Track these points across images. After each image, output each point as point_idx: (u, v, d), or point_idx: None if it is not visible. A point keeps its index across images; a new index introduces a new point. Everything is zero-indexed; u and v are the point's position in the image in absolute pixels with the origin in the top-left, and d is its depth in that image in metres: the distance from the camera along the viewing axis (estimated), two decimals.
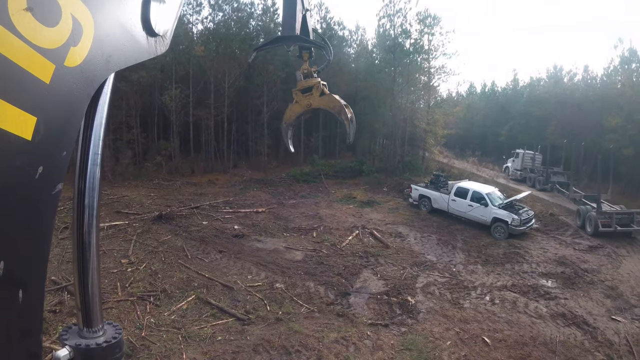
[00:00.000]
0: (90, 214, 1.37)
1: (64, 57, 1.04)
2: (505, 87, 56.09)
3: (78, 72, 1.10)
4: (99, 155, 1.39)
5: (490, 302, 12.09)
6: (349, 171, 31.97)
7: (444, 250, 16.34)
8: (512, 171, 34.12)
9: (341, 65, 37.07)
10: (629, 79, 34.59)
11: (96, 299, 1.43)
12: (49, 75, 1.00)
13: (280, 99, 32.57)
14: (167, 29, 1.50)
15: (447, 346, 9.64)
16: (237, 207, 20.75)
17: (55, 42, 1.01)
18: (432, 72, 34.11)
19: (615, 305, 12.39)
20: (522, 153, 33.45)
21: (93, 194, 1.37)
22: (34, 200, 1.05)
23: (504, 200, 19.39)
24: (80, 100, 1.15)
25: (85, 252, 1.37)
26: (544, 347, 9.96)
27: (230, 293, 11.54)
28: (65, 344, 1.34)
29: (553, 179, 27.96)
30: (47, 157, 1.06)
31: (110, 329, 1.47)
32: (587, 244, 17.89)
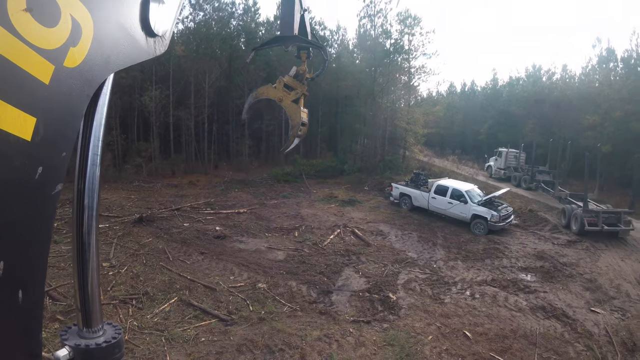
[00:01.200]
0: (90, 215, 1.37)
1: (64, 58, 1.04)
2: (484, 87, 57.18)
3: (77, 73, 1.10)
4: (99, 156, 1.39)
5: (470, 297, 12.27)
6: (330, 171, 32.11)
7: (425, 247, 16.53)
8: (495, 170, 34.13)
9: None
10: (606, 77, 35.60)
11: (96, 299, 1.42)
12: (49, 75, 1.00)
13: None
14: (167, 30, 1.49)
15: (429, 341, 9.76)
16: (219, 208, 20.65)
17: (54, 43, 1.01)
18: (412, 72, 34.40)
19: (594, 298, 12.69)
20: (506, 152, 33.47)
21: (93, 194, 1.37)
22: (34, 200, 1.05)
23: (483, 197, 19.68)
24: (80, 101, 1.16)
25: (85, 252, 1.37)
26: (524, 339, 10.15)
27: (212, 294, 11.48)
28: (65, 344, 1.34)
29: (538, 178, 27.80)
30: (47, 158, 1.06)
31: (110, 329, 1.47)
32: (566, 238, 18.33)
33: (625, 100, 31.26)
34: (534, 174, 28.45)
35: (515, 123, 42.29)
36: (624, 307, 12.17)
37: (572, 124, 35.09)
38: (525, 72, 48.51)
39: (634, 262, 15.74)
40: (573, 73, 43.57)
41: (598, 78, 37.28)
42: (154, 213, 18.39)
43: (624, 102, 31.29)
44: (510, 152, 33.24)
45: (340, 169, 32.35)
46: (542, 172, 28.57)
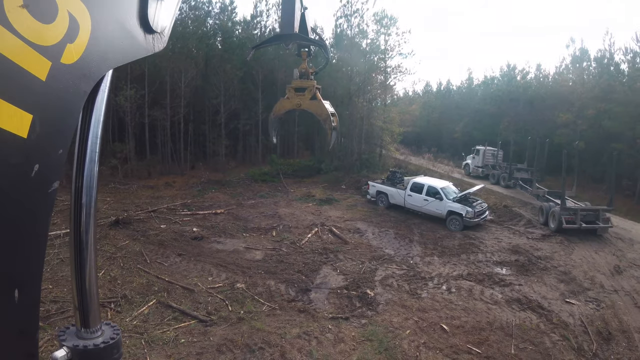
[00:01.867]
0: (88, 213, 1.36)
1: (61, 54, 1.03)
2: (460, 86, 57.85)
3: (75, 69, 1.09)
4: (97, 153, 1.38)
5: (447, 291, 12.53)
6: (307, 170, 32.13)
7: (402, 243, 16.75)
8: (473, 168, 34.15)
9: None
10: (579, 76, 36.52)
11: (94, 299, 1.41)
12: (45, 72, 0.99)
13: (238, 99, 32.39)
14: (165, 26, 1.48)
15: (407, 335, 9.95)
16: (196, 209, 20.50)
17: (51, 39, 1.00)
18: (388, 72, 34.67)
19: (569, 289, 13.06)
20: (483, 150, 33.52)
21: (91, 192, 1.36)
22: (30, 198, 1.04)
23: (458, 194, 20.04)
24: (77, 98, 1.15)
25: (83, 251, 1.36)
26: (500, 331, 10.42)
27: (191, 295, 11.44)
28: (63, 345, 1.32)
29: (516, 176, 27.85)
30: (43, 155, 1.05)
31: (108, 329, 1.45)
32: (540, 233, 18.83)
33: (598, 99, 32.14)
34: (511, 172, 28.51)
35: (490, 121, 42.96)
36: (599, 298, 12.57)
37: (545, 122, 35.90)
38: (499, 72, 49.41)
39: (608, 255, 16.22)
40: (547, 72, 44.60)
41: (571, 77, 38.20)
42: (130, 215, 18.17)
43: (596, 100, 32.18)
44: (488, 150, 33.30)
45: (318, 168, 32.41)
46: (520, 169, 28.68)
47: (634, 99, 29.33)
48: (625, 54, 33.43)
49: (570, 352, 9.72)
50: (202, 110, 33.08)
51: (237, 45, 35.23)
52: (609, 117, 30.79)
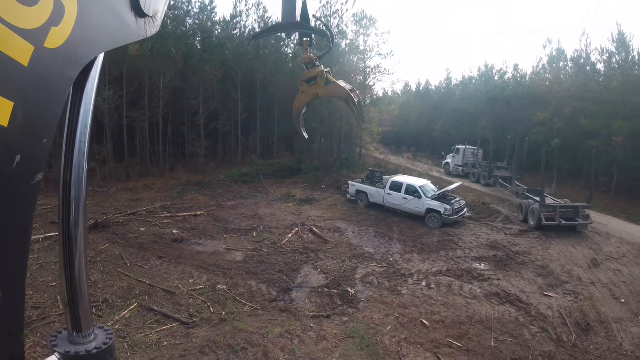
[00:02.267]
0: (77, 207, 1.30)
1: (44, 38, 0.98)
2: (438, 86, 58.36)
3: (59, 54, 1.04)
4: (86, 144, 1.32)
5: (426, 287, 12.74)
6: (287, 170, 32.09)
7: (382, 241, 16.93)
8: (453, 167, 34.36)
9: (279, 64, 37.17)
10: (556, 76, 37.09)
11: (86, 300, 1.36)
12: (28, 57, 0.94)
13: (217, 100, 32.19)
14: (158, 10, 1.42)
15: (388, 331, 10.11)
16: (175, 211, 20.32)
17: (34, 22, 0.95)
18: (367, 72, 34.92)
19: (547, 283, 13.42)
20: (463, 149, 33.70)
21: (80, 185, 1.30)
22: (12, 191, 0.98)
23: (436, 192, 20.32)
24: (63, 84, 1.09)
25: (72, 247, 1.30)
26: (480, 324, 10.65)
27: (172, 298, 11.37)
28: (55, 351, 1.28)
29: (496, 174, 27.97)
30: (26, 145, 0.99)
31: (101, 333, 1.41)
32: (518, 228, 19.24)
33: (574, 98, 32.92)
34: (491, 170, 28.77)
35: (468, 121, 43.62)
36: (577, 290, 12.93)
37: (522, 121, 36.61)
38: (478, 72, 50.26)
39: (585, 249, 16.68)
40: (524, 72, 45.42)
41: (548, 77, 38.86)
42: (109, 218, 17.92)
43: (573, 99, 32.96)
44: (468, 149, 33.59)
45: (298, 169, 32.39)
46: (500, 168, 28.92)
47: (610, 98, 30.14)
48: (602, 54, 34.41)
49: (550, 344, 9.99)
50: (181, 111, 32.75)
51: (217, 46, 35.05)
52: (585, 116, 31.48)
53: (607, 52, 33.27)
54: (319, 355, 9.06)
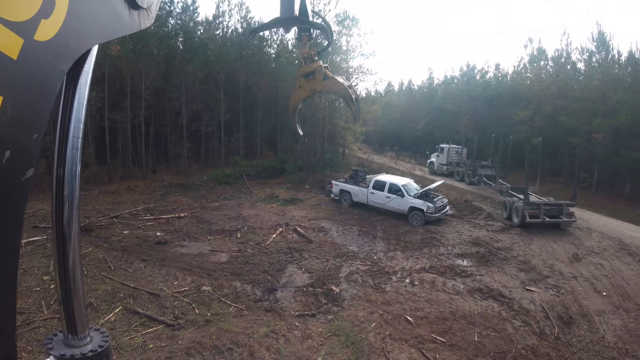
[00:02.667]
0: (70, 204, 1.28)
1: (34, 31, 0.96)
2: (421, 85, 59.10)
3: (50, 47, 1.01)
4: (80, 139, 1.30)
5: (410, 284, 12.89)
6: (271, 170, 32.04)
7: (365, 240, 17.08)
8: (438, 166, 34.56)
9: (261, 65, 37.12)
10: (537, 75, 37.90)
11: (80, 301, 1.34)
12: (17, 50, 0.92)
13: (200, 100, 32.00)
14: (152, 2, 1.40)
15: (372, 328, 10.23)
16: (159, 213, 20.15)
17: (23, 15, 0.93)
18: (350, 72, 35.03)
19: (529, 277, 13.68)
20: (447, 147, 33.98)
21: (73, 181, 1.28)
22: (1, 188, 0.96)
23: (419, 191, 20.57)
24: (53, 77, 1.06)
25: (66, 244, 1.28)
26: (463, 319, 10.83)
27: (157, 300, 11.32)
28: (50, 354, 1.27)
29: (480, 172, 28.19)
30: (15, 141, 0.96)
31: (97, 335, 1.40)
32: (500, 225, 19.55)
33: (554, 96, 33.75)
34: (475, 169, 29.00)
35: (450, 120, 44.23)
36: (558, 285, 13.22)
37: (503, 119, 37.41)
38: (460, 71, 50.88)
39: (566, 244, 17.04)
40: (505, 71, 46.19)
41: (529, 76, 39.60)
42: (92, 222, 17.69)
43: (553, 97, 33.80)
44: (452, 147, 33.86)
45: (281, 169, 32.37)
46: (484, 166, 29.05)
47: (590, 96, 30.87)
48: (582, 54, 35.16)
49: (533, 337, 10.20)
50: (163, 112, 32.42)
51: (199, 46, 34.80)
52: (566, 114, 32.31)
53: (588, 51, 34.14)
54: (305, 354, 9.13)
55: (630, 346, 10.05)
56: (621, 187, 29.34)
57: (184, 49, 34.23)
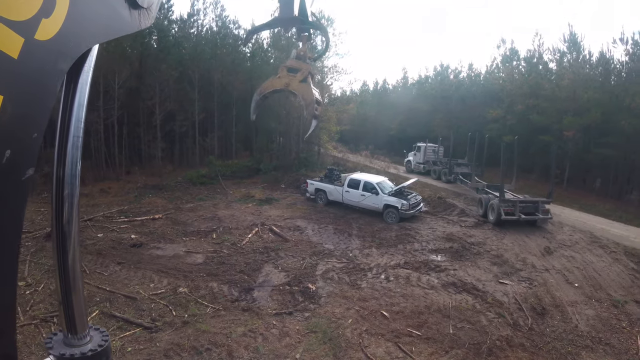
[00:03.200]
0: (70, 203, 1.29)
1: (35, 30, 0.96)
2: (395, 85, 59.80)
3: (50, 46, 1.02)
4: (80, 138, 1.31)
5: (385, 280, 13.10)
6: (246, 170, 31.89)
7: (341, 238, 17.25)
8: (415, 164, 34.92)
9: (236, 64, 36.88)
10: (509, 75, 38.70)
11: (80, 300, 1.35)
12: (17, 49, 0.92)
13: (174, 100, 31.65)
14: (153, 1, 1.41)
15: (349, 324, 10.40)
16: (133, 215, 19.86)
17: (24, 14, 0.93)
18: (325, 71, 35.20)
19: (502, 271, 14.07)
20: (424, 146, 34.34)
21: (74, 181, 1.29)
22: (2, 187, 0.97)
23: (393, 188, 20.86)
24: (54, 77, 1.07)
25: (66, 244, 1.30)
26: (438, 313, 11.10)
27: (134, 303, 11.23)
28: (50, 353, 1.28)
29: (457, 170, 28.41)
30: (16, 140, 0.97)
31: (96, 335, 1.40)
32: (473, 221, 19.98)
33: (526, 95, 34.61)
34: (452, 167, 29.22)
35: (423, 118, 44.82)
36: (531, 277, 13.63)
37: (476, 118, 38.14)
38: (433, 71, 51.64)
39: (538, 238, 17.53)
40: (478, 71, 47.11)
41: (502, 75, 40.46)
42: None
43: (525, 96, 34.64)
44: (429, 146, 34.18)
45: (257, 169, 32.27)
46: (461, 164, 29.27)
47: (561, 95, 31.80)
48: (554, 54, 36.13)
49: (507, 328, 10.52)
50: (137, 112, 31.89)
51: (173, 44, 34.40)
52: (537, 112, 33.30)
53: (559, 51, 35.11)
54: (283, 352, 9.23)
55: (603, 335, 10.45)
56: (592, 182, 30.41)
57: (158, 48, 33.79)
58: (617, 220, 21.49)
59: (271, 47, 38.74)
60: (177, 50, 34.38)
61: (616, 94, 29.56)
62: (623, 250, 16.44)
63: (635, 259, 15.52)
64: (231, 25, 38.56)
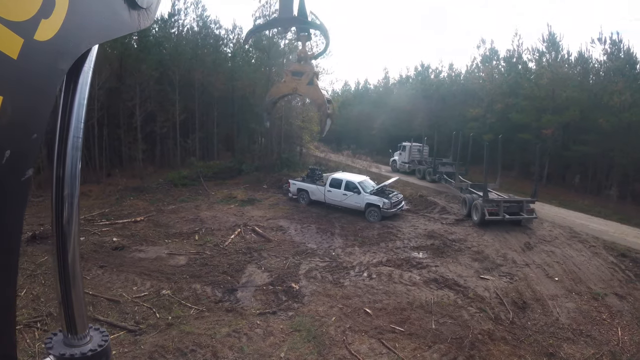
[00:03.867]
0: (70, 204, 1.30)
1: (34, 31, 0.96)
2: (377, 85, 60.37)
3: (50, 47, 1.02)
4: (80, 139, 1.32)
5: (368, 278, 13.25)
6: (228, 171, 31.75)
7: (324, 237, 17.35)
8: (400, 164, 34.80)
9: (217, 64, 36.73)
10: (489, 74, 39.40)
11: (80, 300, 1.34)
12: (17, 50, 0.92)
13: (154, 100, 31.37)
14: (152, 2, 1.41)
15: (333, 322, 10.51)
16: (114, 218, 19.64)
17: (24, 14, 0.93)
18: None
19: (483, 266, 14.33)
20: (409, 145, 34.25)
21: (74, 182, 1.30)
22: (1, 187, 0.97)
23: (375, 187, 21.03)
24: (53, 77, 1.07)
25: (66, 244, 1.30)
26: (420, 309, 11.26)
27: (117, 307, 11.15)
28: (50, 353, 1.29)
29: (441, 170, 28.12)
30: (15, 140, 0.97)
31: (96, 335, 1.41)
32: (454, 218, 20.26)
33: (505, 94, 35.42)
34: (436, 166, 28.96)
35: (405, 118, 45.26)
36: (512, 272, 13.91)
37: (456, 117, 38.73)
38: (414, 71, 52.16)
39: (518, 233, 17.87)
40: (459, 71, 47.76)
41: (482, 75, 41.14)
42: (47, 230, 16.89)
43: (504, 95, 35.46)
44: (414, 145, 34.16)
45: (239, 169, 32.18)
46: (445, 164, 29.02)
47: (540, 94, 32.60)
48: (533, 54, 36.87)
49: (488, 322, 10.74)
50: (117, 114, 31.44)
51: (154, 45, 34.08)
52: (516, 111, 34.00)
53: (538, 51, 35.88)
54: (268, 351, 9.29)
55: (584, 327, 10.73)
56: (571, 179, 31.19)
57: (138, 48, 33.42)
58: (596, 216, 22.04)
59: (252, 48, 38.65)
60: (158, 51, 34.08)
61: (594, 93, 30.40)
62: (602, 244, 16.87)
63: (615, 253, 15.95)
64: (212, 25, 38.46)
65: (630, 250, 16.33)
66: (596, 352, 9.76)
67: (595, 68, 32.96)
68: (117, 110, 31.38)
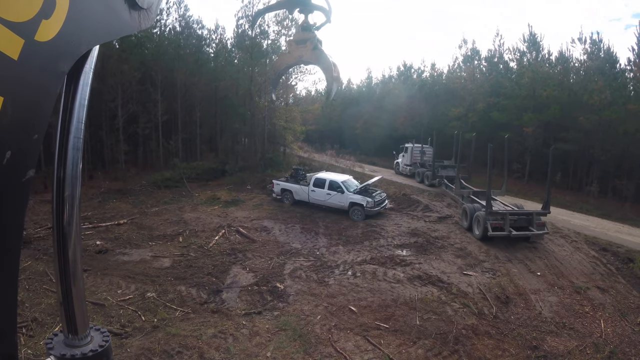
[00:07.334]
0: (71, 204, 1.29)
1: (35, 31, 0.96)
2: (360, 85, 60.81)
3: (51, 47, 1.02)
4: (81, 140, 1.32)
5: (352, 276, 13.38)
6: (211, 172, 31.62)
7: (308, 237, 17.44)
8: (402, 167, 33.55)
9: (200, 64, 36.60)
10: (471, 74, 40.09)
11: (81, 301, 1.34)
12: (17, 50, 0.92)
13: (137, 101, 31.07)
14: (152, 2, 1.41)
15: (318, 320, 10.61)
16: (97, 221, 19.36)
17: (24, 15, 0.93)
18: (289, 72, 35.29)
19: (466, 263, 14.56)
20: (411, 147, 32.38)
21: (75, 182, 1.30)
22: (2, 188, 0.97)
23: (358, 186, 21.22)
24: (54, 78, 1.07)
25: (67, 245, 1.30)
26: (405, 306, 11.42)
27: (102, 310, 11.05)
28: (51, 354, 1.29)
29: (441, 173, 26.43)
30: (16, 141, 0.97)
31: (97, 335, 1.40)
32: (437, 215, 20.55)
33: (487, 94, 36.13)
34: (436, 170, 27.26)
35: (387, 117, 45.61)
36: (494, 268, 14.16)
37: (439, 116, 39.26)
38: (397, 71, 52.61)
39: None
40: (441, 71, 48.43)
41: (464, 75, 41.79)
42: (29, 234, 16.68)
43: (486, 95, 36.16)
44: (416, 147, 32.17)
45: (222, 170, 32.07)
46: (446, 167, 27.27)
47: (520, 93, 33.32)
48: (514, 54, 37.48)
49: (472, 317, 10.93)
50: (99, 115, 31.00)
51: (135, 45, 33.62)
52: (498, 110, 34.61)
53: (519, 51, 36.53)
54: (254, 351, 9.34)
55: (567, 320, 10.99)
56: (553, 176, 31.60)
57: (120, 48, 32.99)
58: (578, 211, 22.67)
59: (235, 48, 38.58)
60: (140, 51, 33.75)
61: (575, 91, 31.14)
62: (584, 239, 17.30)
63: (596, 247, 16.37)
64: (195, 25, 38.26)
65: (611, 245, 16.79)
66: (579, 344, 9.98)
67: (575, 67, 33.77)
68: (99, 111, 30.89)
